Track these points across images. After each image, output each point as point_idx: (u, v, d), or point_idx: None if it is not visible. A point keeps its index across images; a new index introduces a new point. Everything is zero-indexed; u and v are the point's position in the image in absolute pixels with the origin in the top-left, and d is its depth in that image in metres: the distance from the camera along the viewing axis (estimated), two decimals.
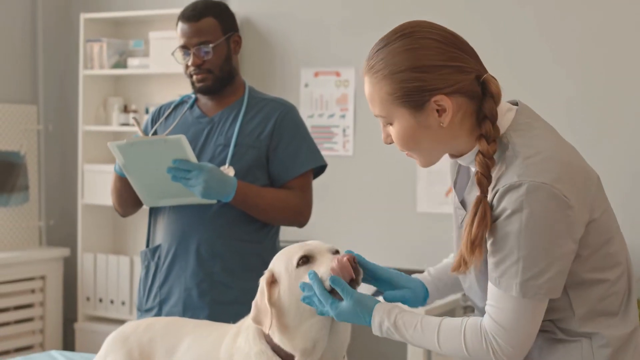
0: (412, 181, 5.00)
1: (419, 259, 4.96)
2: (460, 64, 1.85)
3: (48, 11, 6.03)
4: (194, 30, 3.11)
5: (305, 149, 3.18)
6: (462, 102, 1.85)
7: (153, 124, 3.28)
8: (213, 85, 3.15)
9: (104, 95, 5.88)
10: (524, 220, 1.76)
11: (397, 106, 1.88)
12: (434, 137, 1.88)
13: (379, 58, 1.89)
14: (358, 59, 5.16)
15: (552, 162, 1.80)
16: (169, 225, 3.13)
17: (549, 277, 1.78)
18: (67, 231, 6.07)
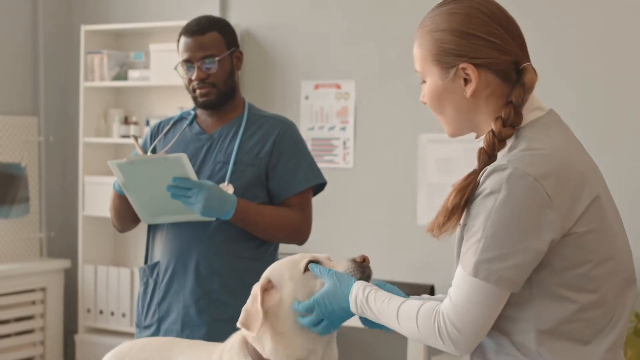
0: (413, 194, 5.00)
1: (419, 271, 4.96)
2: (497, 41, 1.88)
3: (49, 23, 6.04)
4: (199, 44, 3.11)
5: (305, 166, 3.18)
6: (492, 80, 1.89)
7: (152, 140, 3.27)
8: (216, 99, 3.14)
9: (104, 107, 5.89)
10: (498, 202, 1.76)
11: (431, 64, 1.93)
12: (457, 104, 1.92)
13: (429, 16, 1.96)
14: (358, 71, 5.17)
15: (547, 159, 1.80)
16: (167, 242, 3.12)
17: (506, 265, 1.76)
18: (68, 243, 6.07)
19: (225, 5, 5.58)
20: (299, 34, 5.35)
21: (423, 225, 4.94)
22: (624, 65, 4.55)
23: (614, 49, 4.56)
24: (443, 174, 4.92)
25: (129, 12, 5.93)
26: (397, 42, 5.06)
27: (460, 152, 4.87)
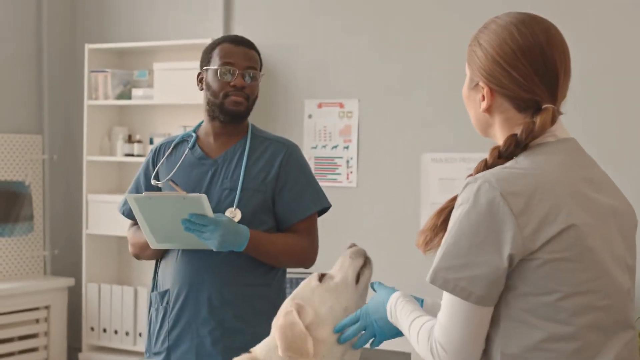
0: (416, 213, 5.00)
1: (422, 291, 4.93)
2: (519, 77, 1.90)
3: (53, 41, 6.06)
4: (246, 55, 3.14)
5: (311, 190, 3.18)
6: (507, 108, 1.93)
7: (154, 164, 3.24)
8: (244, 112, 3.14)
9: (108, 126, 5.90)
10: (463, 213, 1.79)
11: (466, 67, 2.01)
12: (475, 113, 1.99)
13: (485, 24, 2.01)
14: (361, 90, 5.17)
15: (524, 178, 1.81)
16: (177, 271, 3.10)
17: (462, 275, 1.77)
18: (72, 261, 6.08)
19: (229, 23, 5.59)
20: (302, 53, 5.36)
21: None
22: (629, 88, 4.55)
23: (618, 73, 4.56)
24: (446, 193, 4.91)
25: (133, 31, 5.95)
26: (400, 61, 5.06)
27: (463, 171, 4.87)
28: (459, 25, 4.91)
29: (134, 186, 3.28)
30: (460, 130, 4.88)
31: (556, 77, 1.91)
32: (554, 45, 1.91)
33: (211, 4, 5.62)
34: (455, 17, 4.93)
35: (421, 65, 5.01)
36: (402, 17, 5.07)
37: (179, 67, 5.45)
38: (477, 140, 4.78)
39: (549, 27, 1.93)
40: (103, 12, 6.09)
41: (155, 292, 3.20)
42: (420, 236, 1.96)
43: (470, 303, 1.78)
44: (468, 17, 4.89)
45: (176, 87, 5.43)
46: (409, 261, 5.04)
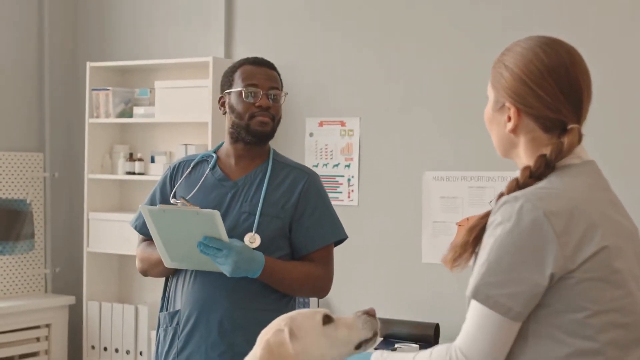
0: (417, 232, 4.99)
1: (424, 310, 4.94)
2: (546, 96, 1.94)
3: (55, 59, 6.07)
4: (268, 75, 3.15)
5: (329, 221, 3.18)
6: (534, 128, 1.96)
7: (172, 182, 3.24)
8: (270, 132, 3.15)
9: (109, 144, 5.90)
10: (505, 230, 1.83)
11: (490, 89, 2.04)
12: (499, 134, 2.02)
13: (510, 46, 2.03)
14: (363, 108, 5.17)
15: (561, 198, 1.85)
16: (190, 293, 3.10)
17: (504, 292, 1.81)
18: (73, 279, 6.07)
19: (230, 42, 5.60)
20: (303, 71, 5.36)
21: (428, 263, 4.96)
22: (631, 106, 4.55)
23: (619, 92, 4.56)
24: (448, 212, 4.91)
25: (135, 49, 5.96)
26: (401, 79, 5.06)
27: (464, 190, 4.86)
28: (460, 44, 4.91)
29: (149, 201, 3.28)
30: (461, 148, 4.88)
31: (580, 97, 1.96)
32: (577, 65, 1.97)
33: (212, 22, 5.63)
34: (457, 36, 4.93)
35: (422, 84, 5.01)
36: (403, 35, 5.07)
37: (180, 85, 5.45)
38: (479, 159, 4.81)
39: (571, 49, 1.99)
40: (104, 31, 6.10)
41: (165, 312, 3.20)
42: (450, 252, 1.97)
43: (506, 318, 1.83)
44: (470, 36, 4.89)
45: (177, 105, 5.43)
46: (410, 280, 5.03)
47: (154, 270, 3.21)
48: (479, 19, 4.87)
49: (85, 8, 6.17)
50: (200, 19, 5.71)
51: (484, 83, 5.03)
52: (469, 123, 4.87)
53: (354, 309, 5.03)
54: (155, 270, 3.21)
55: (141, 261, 3.25)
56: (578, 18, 4.65)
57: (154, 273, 3.23)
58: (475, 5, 4.89)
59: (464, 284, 4.99)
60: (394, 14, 5.10)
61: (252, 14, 5.55)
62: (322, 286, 3.19)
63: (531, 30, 4.55)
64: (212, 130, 5.24)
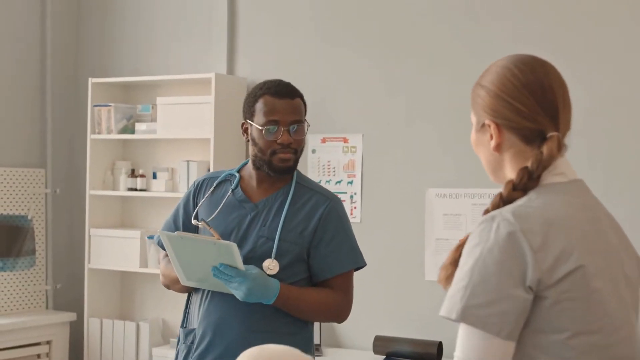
0: (420, 249, 4.97)
1: (427, 328, 4.91)
2: (522, 107, 1.95)
3: (56, 75, 6.06)
4: (290, 108, 3.07)
5: (347, 248, 3.14)
6: (515, 142, 1.98)
7: (194, 199, 3.23)
8: (293, 166, 3.10)
9: (111, 160, 5.88)
10: (485, 251, 1.82)
11: (471, 112, 2.06)
12: (485, 155, 2.03)
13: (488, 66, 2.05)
14: (365, 124, 5.16)
15: (538, 217, 1.85)
16: (205, 313, 3.09)
17: (492, 312, 1.80)
18: (74, 296, 6.05)
19: (233, 58, 5.59)
20: (306, 88, 5.27)
21: (431, 281, 4.93)
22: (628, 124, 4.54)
23: (619, 108, 4.55)
24: (451, 229, 4.89)
25: (137, 65, 5.95)
26: (404, 96, 5.06)
27: (468, 207, 4.85)
28: (464, 60, 4.90)
29: (172, 217, 3.28)
30: (464, 165, 4.86)
31: (556, 106, 1.97)
32: (551, 77, 1.99)
33: (215, 38, 5.62)
34: (459, 52, 4.92)
35: (425, 101, 5.00)
36: (406, 51, 5.07)
37: (182, 102, 5.44)
38: (482, 176, 4.76)
39: (545, 63, 2.01)
40: (106, 47, 6.10)
41: (183, 328, 3.19)
42: (442, 271, 1.97)
43: (499, 338, 1.81)
44: (473, 51, 4.89)
45: (180, 121, 5.42)
46: (413, 297, 5.00)
47: (174, 286, 3.21)
48: (481, 34, 4.87)
49: (88, 24, 6.18)
50: (203, 35, 5.70)
51: None
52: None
53: (356, 326, 5.06)
54: (176, 287, 3.21)
55: (164, 276, 3.25)
56: (580, 32, 4.64)
57: (175, 289, 3.22)
58: (477, 21, 4.89)
59: None
60: (397, 30, 5.10)
61: (254, 30, 5.55)
62: (339, 313, 3.16)
63: (533, 44, 4.58)
64: (215, 147, 5.23)
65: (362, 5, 5.22)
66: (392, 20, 5.12)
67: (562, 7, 4.70)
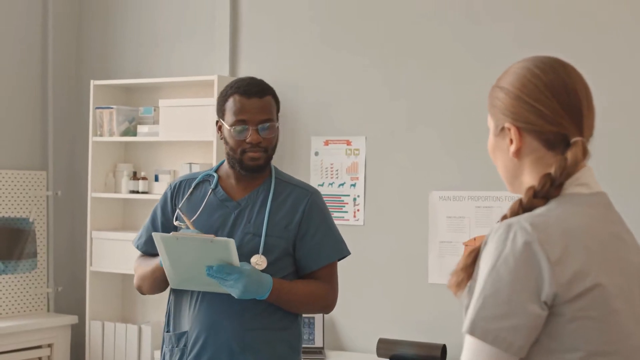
0: (424, 252, 4.96)
1: (431, 331, 4.90)
2: (545, 110, 1.85)
3: (58, 78, 6.05)
4: (259, 107, 3.07)
5: (332, 239, 3.18)
6: (537, 147, 1.87)
7: (172, 201, 3.23)
8: (264, 165, 3.11)
9: (113, 162, 5.87)
10: (500, 261, 1.72)
11: (489, 116, 1.95)
12: (504, 162, 1.93)
13: (507, 68, 1.96)
14: (369, 127, 5.15)
15: (559, 229, 1.76)
16: (197, 314, 3.08)
17: (503, 325, 1.70)
18: (75, 298, 6.03)
19: (235, 61, 5.58)
20: (308, 90, 5.34)
21: (434, 284, 4.92)
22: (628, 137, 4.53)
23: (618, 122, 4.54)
24: (454, 232, 4.88)
25: (139, 67, 5.94)
26: (407, 98, 5.05)
27: (471, 209, 4.84)
28: (466, 62, 4.90)
29: (150, 221, 3.27)
30: (468, 168, 4.85)
31: (580, 109, 1.88)
32: (574, 78, 1.90)
33: (217, 41, 5.61)
34: (464, 55, 4.91)
35: (429, 103, 4.99)
36: (409, 54, 5.06)
37: (184, 104, 5.43)
38: (486, 178, 4.78)
39: (567, 64, 1.92)
40: (108, 49, 6.08)
41: (171, 332, 3.17)
42: (453, 277, 1.86)
43: (508, 354, 1.72)
44: (476, 54, 4.88)
45: (182, 123, 5.40)
46: (416, 300, 4.99)
47: (149, 288, 3.20)
48: (483, 37, 4.86)
49: (89, 26, 6.16)
50: (205, 37, 5.69)
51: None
52: (476, 142, 4.84)
53: (360, 329, 5.05)
54: (149, 288, 3.20)
55: (139, 278, 3.24)
56: (582, 34, 4.63)
57: (148, 291, 3.22)
58: (480, 24, 4.88)
59: None
60: (400, 33, 5.09)
61: (257, 32, 5.54)
62: (327, 304, 3.20)
63: (536, 47, 4.56)
64: (217, 149, 5.22)
65: (364, 8, 5.21)
66: (394, 22, 5.11)
67: (565, 9, 4.69)
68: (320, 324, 5.09)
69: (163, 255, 2.97)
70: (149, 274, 3.16)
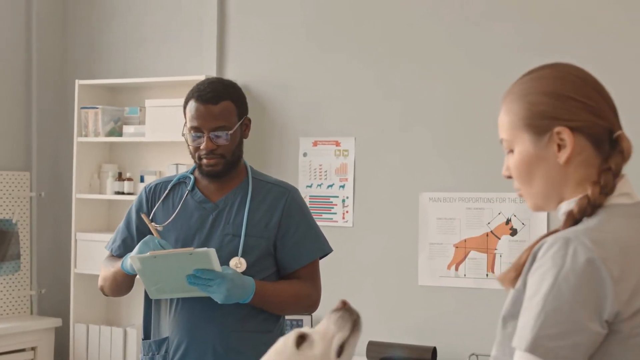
0: (414, 254, 4.93)
1: (421, 333, 4.87)
2: (593, 104, 1.81)
3: (43, 77, 5.98)
4: (212, 115, 2.99)
5: (312, 236, 3.14)
6: (585, 147, 1.80)
7: (148, 204, 3.17)
8: (223, 170, 3.05)
9: (98, 163, 5.81)
10: (561, 277, 1.67)
11: (522, 130, 1.84)
12: (547, 173, 1.83)
13: (517, 82, 1.88)
14: (358, 128, 5.12)
15: (613, 243, 1.70)
16: (179, 319, 3.03)
17: (565, 344, 1.66)
18: (59, 301, 5.96)
19: (223, 61, 5.53)
20: (297, 90, 5.30)
21: (424, 286, 4.89)
22: None
23: None
24: (444, 234, 4.85)
25: (125, 67, 5.88)
26: (397, 99, 5.01)
27: (462, 211, 4.81)
28: (458, 63, 4.87)
29: (124, 226, 3.22)
30: (458, 169, 4.83)
31: (612, 101, 1.86)
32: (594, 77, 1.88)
33: (205, 41, 5.56)
34: (455, 55, 4.89)
35: (419, 104, 4.96)
36: (400, 54, 5.03)
37: (171, 104, 5.38)
38: (476, 180, 4.76)
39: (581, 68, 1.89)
40: (94, 48, 6.02)
41: (150, 340, 3.12)
42: (512, 271, 1.80)
43: None
44: (469, 55, 4.86)
45: (168, 124, 5.35)
46: (406, 303, 4.96)
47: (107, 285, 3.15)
48: (477, 38, 4.83)
49: (75, 25, 6.10)
50: (192, 37, 5.64)
51: (482, 103, 5.05)
52: (466, 143, 4.82)
53: None
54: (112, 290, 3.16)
55: (104, 279, 3.18)
56: (579, 36, 4.62)
57: (112, 292, 3.18)
58: (473, 24, 4.86)
59: (460, 307, 4.95)
60: (391, 33, 5.06)
61: (244, 32, 5.49)
62: (311, 303, 3.16)
63: (531, 48, 4.55)
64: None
65: (355, 8, 5.17)
66: (387, 21, 5.07)
67: (560, 11, 4.68)
68: (308, 326, 5.04)
69: (141, 273, 2.92)
70: (111, 276, 3.12)
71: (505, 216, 4.71)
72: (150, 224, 3.02)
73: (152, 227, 3.02)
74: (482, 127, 4.74)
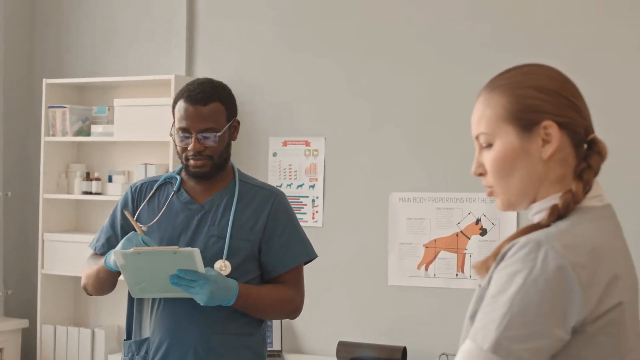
0: (384, 254, 4.93)
1: (391, 333, 4.87)
2: (579, 103, 1.83)
3: (9, 75, 5.92)
4: (200, 116, 2.98)
5: (298, 241, 3.14)
6: (566, 144, 1.82)
7: (134, 204, 3.16)
8: (210, 171, 3.04)
9: (66, 162, 5.76)
10: (530, 280, 1.67)
11: (506, 122, 1.83)
12: (528, 168, 1.82)
13: (502, 76, 1.87)
14: (328, 128, 5.12)
15: (586, 248, 1.71)
16: (159, 319, 3.02)
17: (527, 347, 1.66)
18: (26, 301, 5.90)
19: (192, 60, 5.51)
20: (267, 90, 5.28)
21: (394, 286, 4.90)
22: None
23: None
24: (415, 234, 4.85)
25: (93, 66, 5.84)
26: (368, 99, 5.01)
27: (432, 211, 4.82)
28: (429, 62, 4.88)
29: (109, 225, 3.20)
30: (428, 169, 4.84)
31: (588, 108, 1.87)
32: None
33: (174, 40, 5.54)
34: (426, 54, 4.89)
35: (389, 104, 4.96)
36: (370, 53, 5.03)
37: (139, 104, 5.35)
38: (447, 180, 4.77)
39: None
40: (62, 47, 5.97)
41: (130, 340, 3.10)
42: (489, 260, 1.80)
43: None
44: (440, 53, 4.86)
45: (137, 123, 5.32)
46: (376, 303, 4.96)
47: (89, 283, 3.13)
48: (447, 37, 4.84)
49: (42, 22, 6.04)
50: (162, 36, 5.61)
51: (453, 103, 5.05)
52: (436, 144, 4.83)
53: (319, 332, 5.00)
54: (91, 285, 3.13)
55: (87, 277, 3.15)
56: (549, 34, 4.63)
57: (91, 288, 3.15)
58: (444, 22, 4.87)
59: (430, 307, 4.95)
60: (361, 32, 5.06)
61: (214, 31, 5.47)
62: (294, 308, 3.15)
63: (504, 47, 4.56)
64: (173, 150, 5.13)
65: (325, 8, 5.17)
66: (357, 20, 5.07)
67: (531, 10, 4.69)
68: (278, 327, 5.03)
69: (123, 270, 2.90)
70: (94, 274, 3.10)
71: (475, 216, 4.72)
72: (133, 221, 3.00)
73: (136, 226, 3.00)
74: (452, 127, 4.75)
